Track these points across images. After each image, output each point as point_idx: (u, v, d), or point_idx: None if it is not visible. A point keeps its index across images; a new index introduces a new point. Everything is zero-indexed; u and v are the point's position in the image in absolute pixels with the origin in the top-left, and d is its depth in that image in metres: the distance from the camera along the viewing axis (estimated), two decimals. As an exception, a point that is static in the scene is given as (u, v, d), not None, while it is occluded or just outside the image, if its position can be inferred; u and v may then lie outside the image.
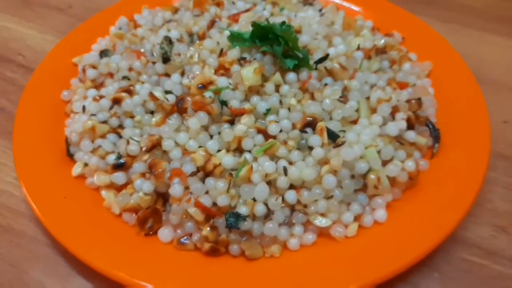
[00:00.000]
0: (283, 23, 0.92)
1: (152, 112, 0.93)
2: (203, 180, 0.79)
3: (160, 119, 0.86)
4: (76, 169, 0.87)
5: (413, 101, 0.92)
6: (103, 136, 0.89)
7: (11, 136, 0.91)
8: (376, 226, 0.79)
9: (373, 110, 0.91)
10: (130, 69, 1.00)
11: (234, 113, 0.86)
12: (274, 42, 0.91)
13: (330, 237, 0.77)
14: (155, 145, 0.84)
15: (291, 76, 0.90)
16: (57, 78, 1.06)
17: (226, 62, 0.92)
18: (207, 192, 0.77)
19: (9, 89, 1.16)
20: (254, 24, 0.92)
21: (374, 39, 1.07)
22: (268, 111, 0.87)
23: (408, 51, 1.11)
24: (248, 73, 0.88)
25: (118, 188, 0.85)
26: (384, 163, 0.83)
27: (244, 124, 0.83)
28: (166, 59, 0.95)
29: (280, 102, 0.87)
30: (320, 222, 0.77)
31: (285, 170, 0.78)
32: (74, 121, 0.93)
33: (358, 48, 1.01)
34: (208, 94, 0.87)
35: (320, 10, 1.20)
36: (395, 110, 0.89)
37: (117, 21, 1.20)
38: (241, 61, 0.92)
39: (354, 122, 0.90)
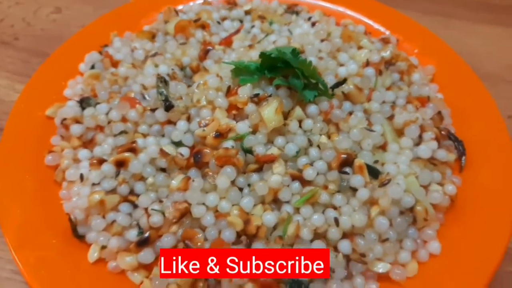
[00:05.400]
0: (294, 50, 0.84)
1: (163, 169, 0.82)
2: (248, 246, 0.71)
3: (182, 183, 0.75)
4: (93, 255, 0.74)
5: (435, 116, 0.89)
6: (114, 208, 0.77)
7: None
8: (433, 260, 0.76)
9: (397, 131, 0.87)
10: (123, 119, 0.87)
11: (261, 161, 0.78)
12: (286, 72, 0.83)
13: (391, 281, 0.74)
14: (184, 214, 0.74)
15: (313, 108, 0.83)
16: (32, 139, 0.90)
17: (239, 102, 0.82)
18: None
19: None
20: (262, 55, 0.83)
21: (376, 48, 1.02)
22: (297, 153, 0.79)
23: (408, 55, 1.08)
24: (270, 114, 0.79)
25: (148, 267, 0.74)
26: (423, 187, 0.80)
27: (278, 173, 0.75)
28: (169, 107, 0.83)
29: (309, 140, 0.80)
30: (380, 268, 0.73)
31: (336, 221, 0.72)
32: (73, 193, 0.80)
33: (367, 64, 0.95)
34: (228, 143, 0.78)
35: (310, 19, 1.12)
36: (421, 129, 0.86)
37: (86, 56, 1.04)
38: (254, 98, 0.83)
39: (381, 146, 0.85)
